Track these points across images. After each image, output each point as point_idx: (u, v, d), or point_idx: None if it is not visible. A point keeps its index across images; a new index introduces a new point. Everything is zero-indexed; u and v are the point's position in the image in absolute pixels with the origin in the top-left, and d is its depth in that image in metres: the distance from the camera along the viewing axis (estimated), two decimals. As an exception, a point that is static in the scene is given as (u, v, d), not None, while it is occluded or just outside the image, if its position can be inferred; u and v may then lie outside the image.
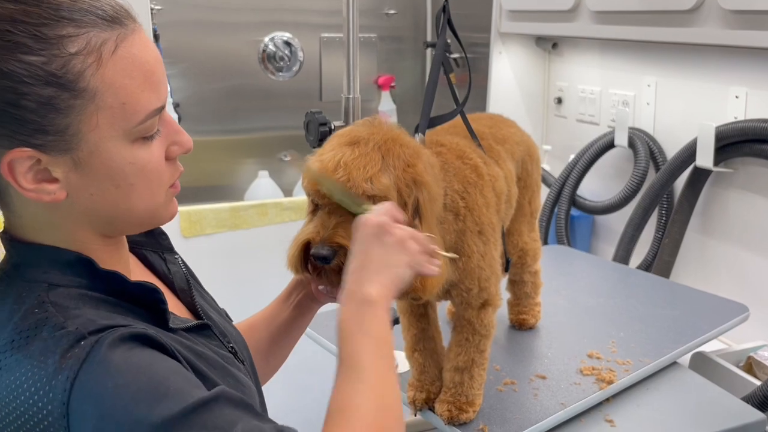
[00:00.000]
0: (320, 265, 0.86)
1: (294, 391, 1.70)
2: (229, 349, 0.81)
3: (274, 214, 2.03)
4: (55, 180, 0.66)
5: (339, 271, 0.87)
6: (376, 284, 0.75)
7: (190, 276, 0.88)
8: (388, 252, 0.77)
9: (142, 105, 0.66)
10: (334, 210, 0.87)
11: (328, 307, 1.25)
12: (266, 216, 2.01)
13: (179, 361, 0.66)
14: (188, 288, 0.85)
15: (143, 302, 0.71)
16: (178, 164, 0.74)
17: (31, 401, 0.61)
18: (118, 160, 0.67)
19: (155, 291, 0.71)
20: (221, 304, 0.95)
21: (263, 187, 2.54)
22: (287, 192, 2.62)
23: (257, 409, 0.67)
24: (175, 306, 0.83)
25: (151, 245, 0.86)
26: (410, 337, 1.13)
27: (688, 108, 1.84)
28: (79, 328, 0.63)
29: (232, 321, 0.95)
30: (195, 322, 0.78)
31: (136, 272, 0.81)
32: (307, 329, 1.39)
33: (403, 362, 1.26)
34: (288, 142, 2.66)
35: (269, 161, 2.64)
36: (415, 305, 1.11)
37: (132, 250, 0.83)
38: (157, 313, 0.72)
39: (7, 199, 0.69)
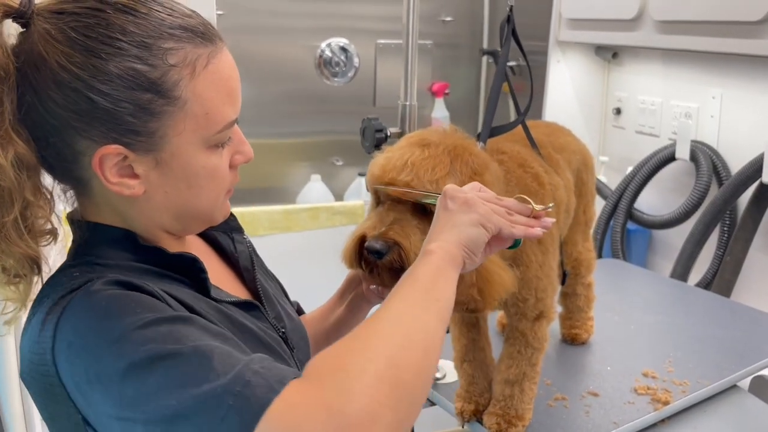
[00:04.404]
0: (373, 260, 0.86)
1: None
2: (280, 333, 0.85)
3: (325, 218, 2.05)
4: (136, 176, 0.72)
5: (391, 269, 0.87)
6: (437, 241, 0.75)
7: (255, 256, 0.94)
8: (453, 214, 0.77)
9: (222, 116, 0.73)
10: (395, 206, 0.87)
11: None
12: (318, 219, 2.03)
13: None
14: (252, 268, 0.90)
15: (185, 272, 0.77)
16: (237, 173, 0.80)
17: (36, 351, 0.67)
18: (194, 163, 0.73)
19: (194, 260, 0.77)
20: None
21: (315, 191, 2.56)
22: (338, 196, 2.63)
23: (239, 346, 0.67)
24: (232, 283, 0.88)
25: (221, 227, 0.91)
26: (460, 347, 1.12)
27: (755, 122, 1.78)
28: (83, 281, 0.68)
29: (299, 314, 1.00)
30: (242, 299, 0.82)
31: (201, 256, 0.85)
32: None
33: (451, 372, 1.24)
34: (341, 147, 2.68)
35: (322, 165, 2.67)
36: (465, 315, 1.09)
37: (204, 232, 0.89)
38: (199, 282, 0.77)
39: (89, 189, 0.75)
